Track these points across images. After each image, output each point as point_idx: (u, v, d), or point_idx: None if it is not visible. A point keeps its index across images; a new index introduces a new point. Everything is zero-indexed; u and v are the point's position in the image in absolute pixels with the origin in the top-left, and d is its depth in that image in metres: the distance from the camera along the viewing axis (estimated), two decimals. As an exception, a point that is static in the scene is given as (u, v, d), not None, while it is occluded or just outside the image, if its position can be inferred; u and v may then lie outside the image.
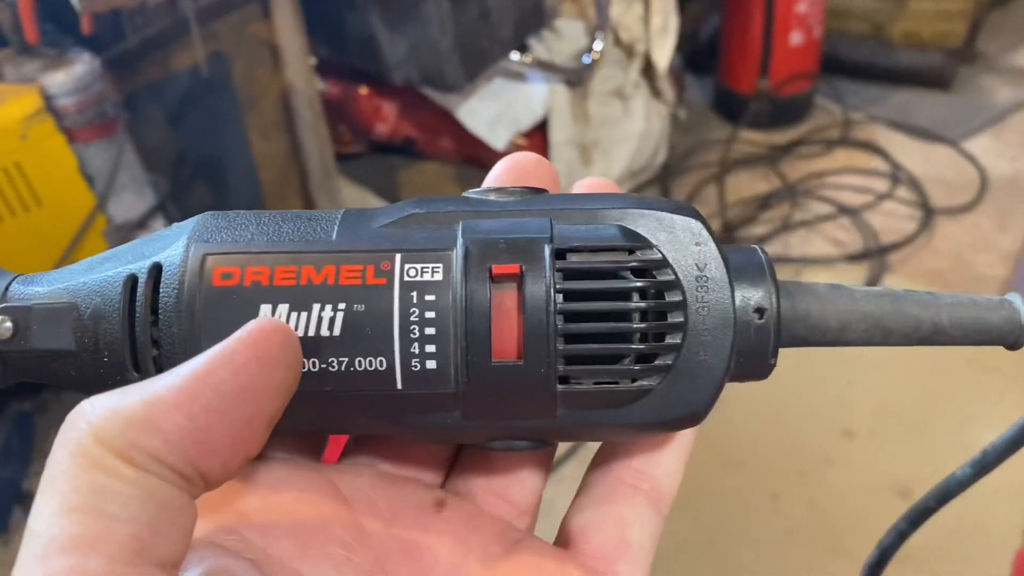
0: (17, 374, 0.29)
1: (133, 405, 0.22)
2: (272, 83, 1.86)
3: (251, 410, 0.24)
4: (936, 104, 2.68)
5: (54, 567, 0.20)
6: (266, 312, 0.26)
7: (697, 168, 2.48)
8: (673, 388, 0.27)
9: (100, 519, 0.21)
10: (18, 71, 1.67)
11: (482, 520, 0.31)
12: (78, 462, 0.21)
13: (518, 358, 0.26)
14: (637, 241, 0.28)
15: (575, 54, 2.11)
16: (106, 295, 0.28)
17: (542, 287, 0.26)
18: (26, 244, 1.70)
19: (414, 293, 0.26)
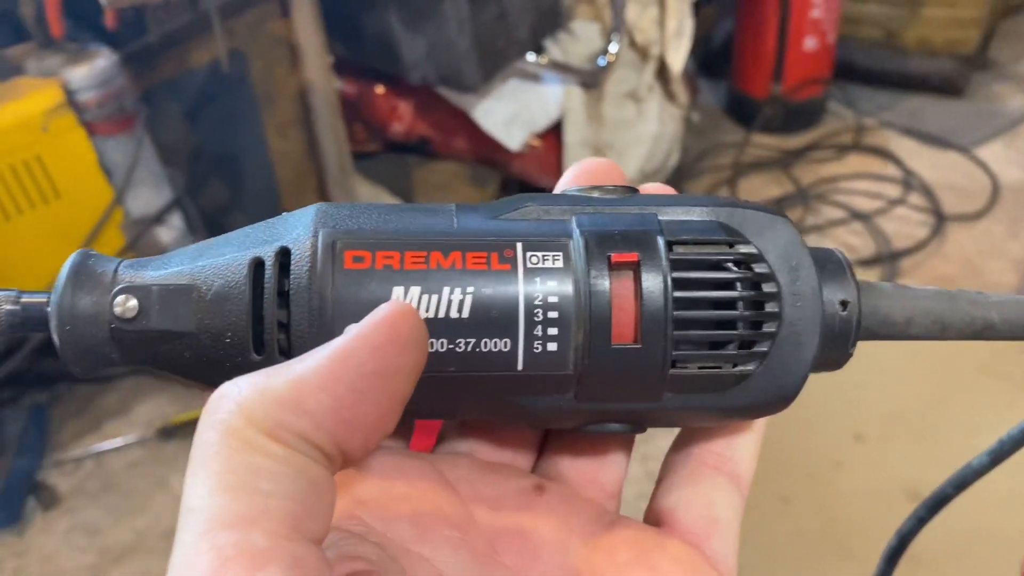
0: (128, 357, 0.29)
1: (280, 386, 0.23)
2: (290, 81, 1.87)
3: (389, 390, 0.25)
4: (948, 111, 2.69)
5: (221, 542, 0.21)
6: (398, 294, 0.27)
7: (710, 171, 2.49)
8: (768, 374, 0.29)
9: (257, 497, 0.22)
10: (40, 65, 1.69)
11: (578, 502, 0.32)
12: (229, 442, 0.22)
13: (635, 342, 0.28)
14: (735, 235, 0.29)
15: (590, 56, 2.12)
16: (229, 277, 0.28)
17: (659, 275, 0.28)
18: (44, 236, 1.71)
19: (538, 279, 0.28)
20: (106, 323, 0.28)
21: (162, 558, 1.60)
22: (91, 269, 0.29)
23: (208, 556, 0.21)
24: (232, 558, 0.20)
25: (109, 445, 1.85)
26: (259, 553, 0.21)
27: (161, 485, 1.77)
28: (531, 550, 0.30)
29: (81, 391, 1.97)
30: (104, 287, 0.28)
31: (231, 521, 0.21)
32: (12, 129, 1.61)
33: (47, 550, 1.67)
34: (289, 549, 0.21)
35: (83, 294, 0.28)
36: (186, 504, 0.22)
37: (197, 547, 0.21)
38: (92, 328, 0.28)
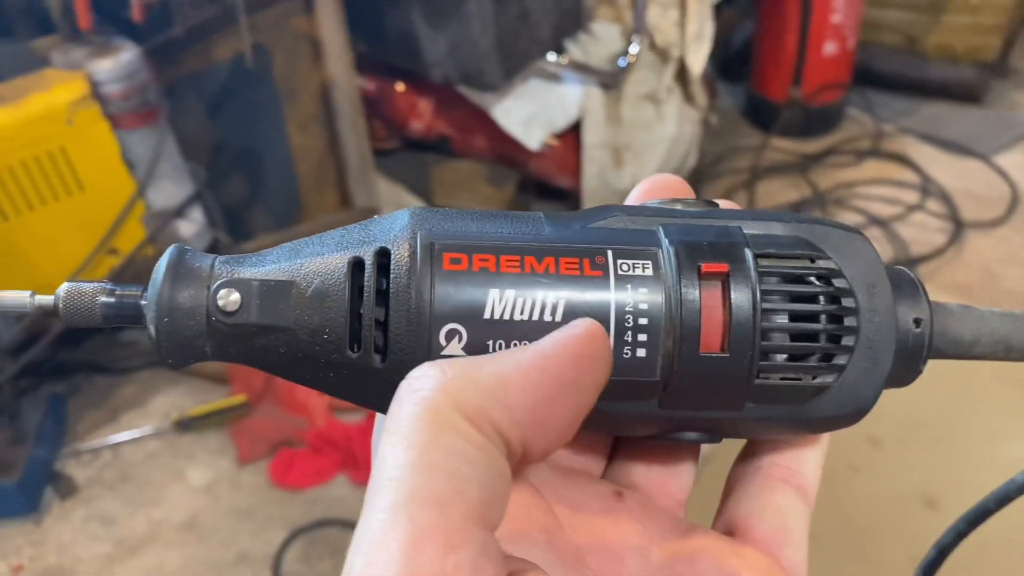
0: (221, 351, 0.29)
1: (486, 376, 0.24)
2: (312, 77, 1.88)
3: (579, 401, 0.25)
4: (968, 118, 2.68)
5: (419, 517, 0.21)
6: (495, 296, 0.28)
7: (728, 174, 2.49)
8: (844, 387, 0.30)
9: (455, 479, 0.22)
10: (66, 57, 1.70)
11: (655, 509, 0.33)
12: (433, 418, 0.23)
13: (723, 351, 0.28)
14: (816, 251, 0.30)
15: (610, 57, 2.13)
16: (329, 275, 0.28)
17: (747, 287, 0.28)
18: (67, 227, 1.73)
19: (629, 285, 0.28)
20: (203, 316, 0.29)
21: (177, 549, 1.61)
22: (189, 263, 0.29)
23: (406, 529, 0.21)
24: (429, 535, 0.21)
25: (126, 436, 1.86)
26: (453, 534, 0.21)
27: (177, 477, 1.78)
28: (615, 555, 0.30)
29: (99, 382, 1.99)
30: (202, 281, 0.29)
31: (430, 498, 0.22)
32: (37, 120, 1.62)
33: (64, 539, 1.68)
34: (479, 535, 0.22)
35: (182, 287, 0.29)
36: (383, 471, 0.22)
37: (395, 517, 0.21)
38: (190, 321, 0.29)
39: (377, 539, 0.21)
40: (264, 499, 1.72)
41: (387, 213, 1.19)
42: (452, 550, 0.21)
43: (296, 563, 1.60)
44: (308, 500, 1.71)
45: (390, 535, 0.21)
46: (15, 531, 1.69)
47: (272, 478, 1.75)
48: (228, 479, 1.77)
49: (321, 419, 1.81)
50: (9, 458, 1.72)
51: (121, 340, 2.03)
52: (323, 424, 1.80)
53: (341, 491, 1.72)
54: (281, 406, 1.84)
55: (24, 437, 1.75)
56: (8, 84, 1.66)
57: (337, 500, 1.70)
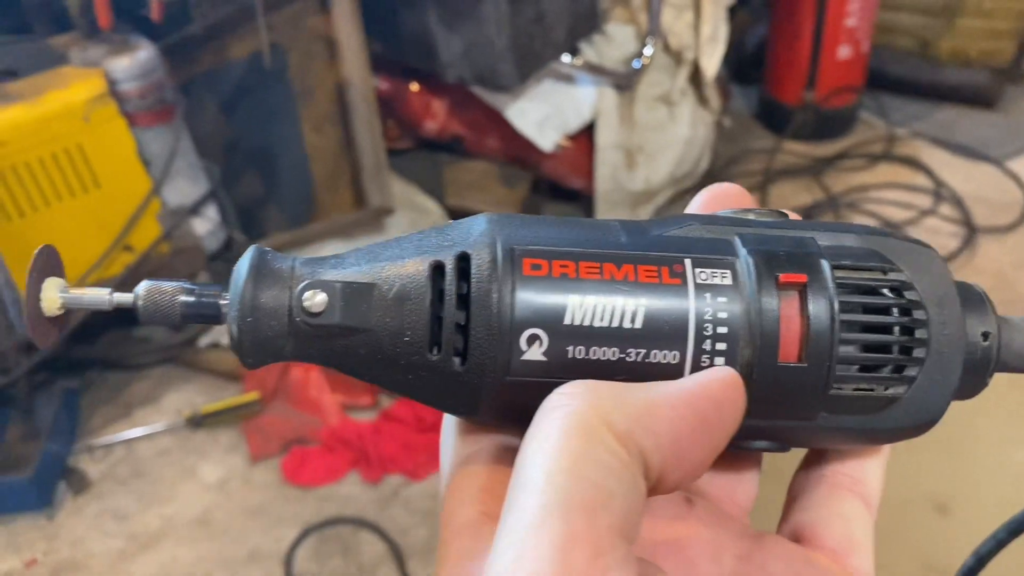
0: (301, 351, 0.29)
1: (637, 402, 0.25)
2: (327, 76, 1.88)
3: (715, 443, 0.26)
4: (981, 122, 2.67)
5: (571, 520, 0.22)
6: (575, 302, 0.28)
7: (740, 177, 2.49)
8: (914, 398, 0.30)
9: (603, 491, 0.23)
10: (83, 55, 1.71)
11: (725, 516, 0.33)
12: (585, 432, 0.24)
13: (800, 361, 0.29)
14: (888, 263, 0.30)
15: (624, 59, 2.13)
16: (410, 279, 0.29)
17: (825, 297, 0.29)
18: (83, 224, 1.74)
19: (708, 294, 0.28)
20: (285, 316, 0.29)
21: (189, 545, 1.62)
22: (271, 264, 0.30)
23: (558, 531, 0.22)
24: (579, 539, 0.22)
25: (139, 432, 1.87)
26: (602, 541, 0.22)
27: (189, 473, 1.79)
28: (689, 560, 0.31)
29: (112, 379, 2.00)
30: (284, 282, 0.29)
31: (581, 505, 0.22)
32: (55, 117, 1.63)
33: (77, 534, 1.69)
34: (622, 546, 0.23)
35: (265, 288, 0.29)
36: (534, 474, 0.23)
37: (547, 518, 0.22)
38: (272, 320, 0.29)
39: (528, 536, 0.22)
40: (276, 496, 1.73)
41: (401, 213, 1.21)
42: (600, 555, 0.22)
43: (307, 561, 1.61)
44: (320, 498, 1.71)
45: (542, 534, 0.22)
46: (29, 525, 1.70)
47: (284, 476, 1.75)
48: (240, 476, 1.77)
49: (334, 418, 1.82)
50: (23, 453, 1.73)
51: (134, 336, 2.04)
52: (336, 423, 1.81)
53: (353, 489, 1.72)
54: (293, 404, 1.84)
55: (38, 432, 1.76)
56: (26, 81, 1.67)
57: (349, 498, 1.71)
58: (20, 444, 1.75)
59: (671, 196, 2.35)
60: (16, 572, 1.63)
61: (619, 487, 0.23)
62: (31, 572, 1.62)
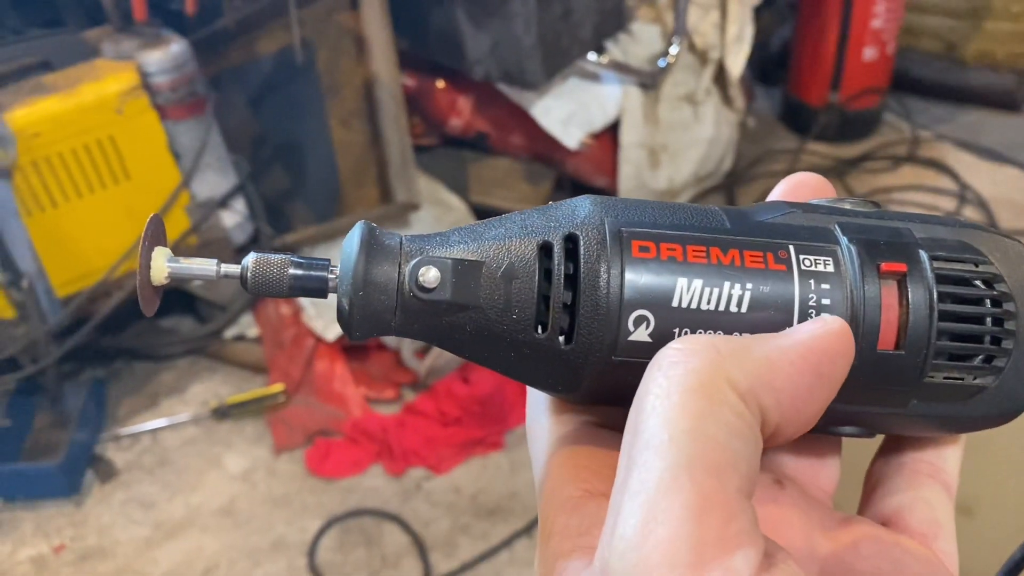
0: (407, 326, 0.30)
1: (759, 359, 0.25)
2: (355, 72, 1.90)
3: (828, 394, 0.27)
4: (1006, 125, 2.66)
5: (702, 482, 0.22)
6: (683, 285, 0.28)
7: (763, 177, 2.49)
8: (1002, 388, 0.30)
9: (729, 451, 0.23)
10: (116, 48, 1.73)
11: (813, 499, 0.34)
12: (708, 390, 0.24)
13: (898, 348, 0.29)
14: (980, 255, 0.31)
15: (650, 58, 2.13)
16: (518, 257, 0.29)
17: (924, 286, 0.29)
18: (113, 215, 1.76)
19: (812, 281, 0.29)
20: (395, 291, 0.29)
21: (214, 535, 1.64)
22: (380, 240, 0.30)
23: (692, 492, 0.22)
24: (711, 501, 0.22)
25: (165, 422, 1.89)
26: (732, 503, 0.22)
27: (215, 463, 1.81)
28: (783, 538, 0.31)
29: (139, 369, 2.02)
30: (394, 258, 0.30)
31: (710, 467, 0.22)
32: (88, 109, 1.65)
33: (103, 521, 1.71)
34: (749, 508, 0.23)
35: (376, 262, 0.29)
36: (658, 434, 0.23)
37: (677, 479, 0.22)
38: (382, 295, 0.29)
39: (659, 498, 0.22)
40: (300, 488, 1.74)
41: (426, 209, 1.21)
42: (733, 518, 0.22)
43: (331, 551, 1.62)
44: (343, 489, 1.73)
45: (673, 495, 0.22)
46: (57, 512, 1.73)
47: (308, 467, 1.77)
48: (265, 467, 1.79)
49: (357, 410, 1.83)
50: (52, 441, 1.75)
51: (161, 327, 2.06)
52: (359, 415, 1.82)
53: (376, 481, 1.74)
54: (318, 396, 1.86)
55: (66, 421, 1.79)
56: (61, 74, 1.69)
57: (372, 490, 1.72)
58: (49, 432, 1.77)
59: (694, 195, 2.35)
60: (45, 557, 1.65)
61: (744, 447, 0.23)
62: (59, 557, 1.65)
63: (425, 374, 1.86)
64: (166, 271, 0.31)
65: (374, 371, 1.91)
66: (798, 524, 0.32)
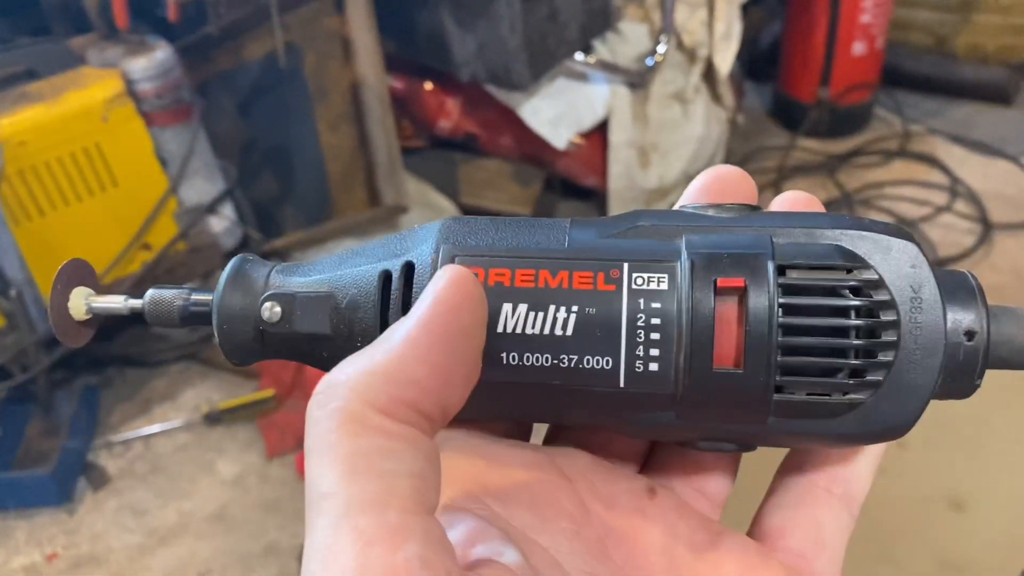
0: (273, 353, 0.32)
1: (385, 362, 0.25)
2: (342, 76, 1.90)
3: (473, 344, 0.26)
4: (998, 119, 2.66)
5: (361, 524, 0.22)
6: (507, 310, 0.29)
7: (754, 174, 2.46)
8: (881, 403, 0.29)
9: (384, 477, 0.23)
10: (101, 55, 1.73)
11: (687, 510, 0.33)
12: (349, 427, 0.23)
13: (737, 366, 0.28)
14: (854, 261, 0.29)
15: (638, 57, 2.13)
16: (362, 288, 0.31)
17: (764, 301, 0.28)
18: (101, 224, 1.76)
19: (641, 300, 0.28)
20: (255, 324, 0.31)
21: (207, 540, 1.64)
22: (246, 273, 0.32)
23: (350, 538, 0.22)
24: (374, 539, 0.22)
25: (157, 428, 1.89)
26: (396, 531, 0.22)
27: (207, 469, 1.80)
28: (640, 552, 0.31)
29: (131, 375, 2.02)
30: (256, 291, 0.32)
31: (365, 504, 0.22)
32: (74, 117, 1.65)
33: (96, 529, 1.71)
34: (420, 524, 0.22)
35: (238, 296, 0.32)
36: (317, 490, 0.23)
37: (338, 530, 0.22)
38: (244, 327, 0.32)
39: (327, 557, 0.22)
40: (292, 492, 1.74)
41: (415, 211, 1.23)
42: (398, 547, 0.22)
43: (323, 556, 1.62)
44: (335, 494, 1.72)
45: (337, 549, 0.22)
46: (49, 520, 1.73)
47: (300, 472, 1.77)
48: (257, 472, 1.79)
49: (348, 414, 1.83)
50: (43, 449, 1.75)
51: (153, 334, 2.06)
52: (350, 419, 1.82)
53: (368, 486, 1.73)
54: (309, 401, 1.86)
55: (58, 428, 1.78)
56: (45, 82, 1.69)
57: (364, 494, 1.72)
58: (40, 440, 1.77)
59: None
60: (38, 566, 1.65)
61: (400, 466, 0.23)
62: (52, 566, 1.65)
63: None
64: (84, 308, 0.34)
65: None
66: (659, 535, 0.31)
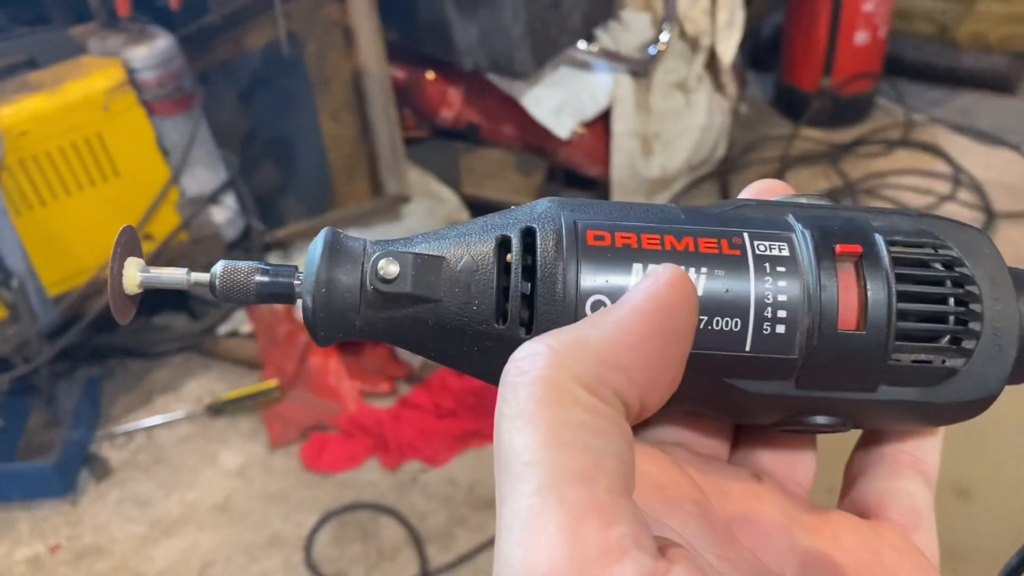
0: (371, 324, 0.30)
1: (598, 342, 0.24)
2: (344, 65, 1.89)
3: (682, 347, 0.26)
4: (1000, 108, 2.65)
5: (570, 495, 0.21)
6: (637, 270, 0.28)
7: (757, 164, 2.48)
8: (972, 372, 0.30)
9: (590, 453, 0.22)
10: (102, 45, 1.72)
11: (790, 492, 0.34)
12: (555, 396, 0.23)
13: (859, 328, 0.29)
14: (939, 241, 0.31)
15: (640, 45, 2.12)
16: (478, 251, 0.30)
17: (881, 267, 0.29)
18: (103, 213, 1.75)
19: (767, 264, 0.29)
20: (358, 291, 0.30)
21: (211, 531, 1.64)
22: (344, 243, 0.31)
23: (560, 510, 0.21)
24: (585, 512, 0.21)
25: (160, 420, 1.88)
26: (606, 508, 0.21)
27: (210, 460, 1.80)
28: (763, 532, 0.31)
29: (133, 367, 2.01)
30: (357, 258, 0.30)
31: (574, 477, 0.21)
32: (75, 106, 1.64)
33: (99, 520, 1.71)
34: (627, 505, 0.22)
35: (340, 264, 0.30)
36: (517, 457, 0.22)
37: (544, 500, 0.21)
38: (345, 294, 0.30)
39: (532, 524, 0.21)
40: (296, 483, 1.74)
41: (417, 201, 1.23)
42: (611, 524, 0.21)
43: (327, 546, 1.62)
44: (339, 484, 1.72)
45: (545, 518, 0.21)
46: (52, 511, 1.72)
47: (303, 462, 1.76)
48: (260, 463, 1.79)
49: (352, 404, 1.83)
50: (46, 440, 1.75)
51: (155, 325, 2.06)
52: (354, 409, 1.82)
53: (372, 475, 1.73)
54: (312, 391, 1.86)
55: (60, 420, 1.78)
56: (46, 71, 1.68)
57: (368, 484, 1.72)
58: (43, 431, 1.77)
59: (687, 183, 2.34)
60: (41, 557, 1.65)
61: (606, 444, 0.22)
62: (55, 557, 1.64)
63: (419, 367, 1.86)
64: (138, 280, 0.31)
65: (368, 365, 1.90)
66: (778, 518, 0.32)
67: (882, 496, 0.33)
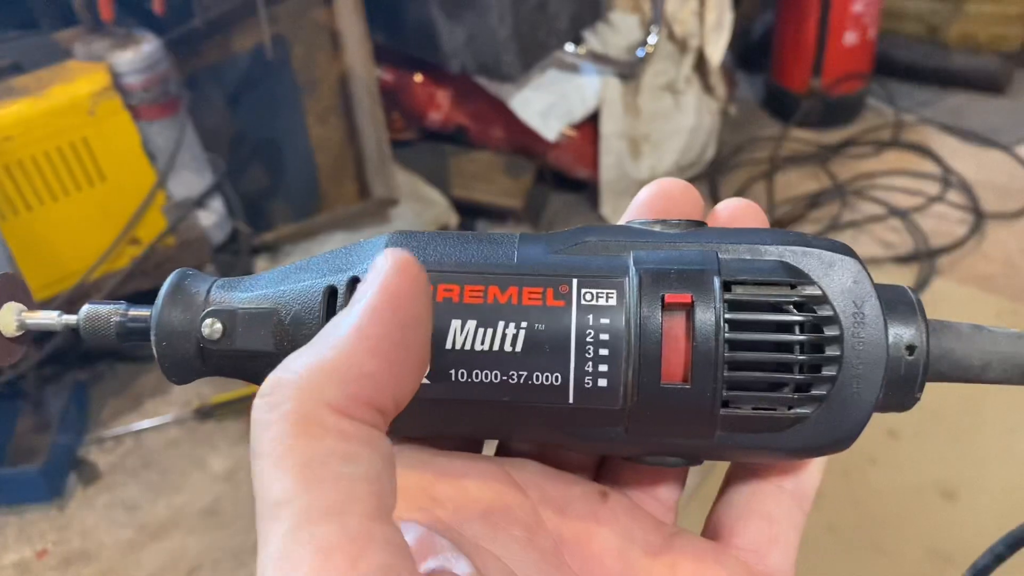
0: (215, 370, 0.31)
1: (335, 358, 0.23)
2: (331, 68, 1.89)
3: (422, 334, 0.25)
4: (990, 108, 2.65)
5: (318, 533, 0.20)
6: (456, 327, 0.28)
7: (746, 165, 2.48)
8: (825, 417, 0.29)
9: (342, 482, 0.21)
10: (88, 49, 1.72)
11: (640, 512, 0.33)
12: (304, 428, 0.22)
13: (685, 381, 0.28)
14: (798, 277, 0.29)
15: (628, 47, 2.12)
16: (306, 303, 0.30)
17: (711, 316, 0.28)
18: (89, 218, 1.75)
19: (590, 316, 0.28)
20: (195, 340, 0.31)
21: (199, 535, 1.63)
22: (186, 288, 0.31)
23: (309, 549, 0.20)
24: (334, 549, 0.20)
25: (148, 424, 1.88)
26: (356, 540, 0.21)
27: (198, 464, 1.80)
28: (595, 556, 0.31)
29: (121, 371, 2.01)
30: (196, 307, 0.31)
31: (323, 512, 0.21)
32: (60, 111, 1.64)
33: (87, 524, 1.70)
34: (380, 532, 0.21)
35: (178, 312, 0.31)
36: (271, 499, 0.21)
37: (296, 541, 0.21)
38: (184, 344, 0.31)
39: (283, 568, 0.20)
40: (283, 487, 1.73)
41: (405, 204, 1.23)
42: (360, 557, 0.20)
43: (315, 550, 1.62)
44: (327, 488, 1.72)
45: (294, 560, 0.20)
46: (39, 516, 1.72)
47: (291, 466, 1.76)
48: (248, 467, 1.77)
49: (339, 408, 1.82)
50: (33, 444, 1.74)
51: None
52: (341, 413, 1.82)
53: (359, 479, 1.73)
54: (300, 395, 1.85)
55: (48, 424, 1.78)
56: (31, 76, 1.68)
57: (355, 488, 1.71)
58: (30, 436, 1.77)
59: (677, 185, 2.34)
60: (28, 562, 1.65)
61: (359, 469, 0.22)
62: (42, 562, 1.64)
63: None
64: (14, 324, 0.32)
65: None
66: (613, 539, 0.31)
67: (738, 518, 0.32)
